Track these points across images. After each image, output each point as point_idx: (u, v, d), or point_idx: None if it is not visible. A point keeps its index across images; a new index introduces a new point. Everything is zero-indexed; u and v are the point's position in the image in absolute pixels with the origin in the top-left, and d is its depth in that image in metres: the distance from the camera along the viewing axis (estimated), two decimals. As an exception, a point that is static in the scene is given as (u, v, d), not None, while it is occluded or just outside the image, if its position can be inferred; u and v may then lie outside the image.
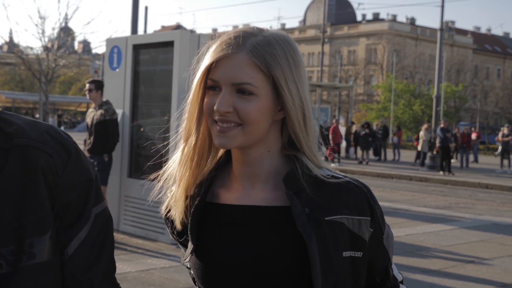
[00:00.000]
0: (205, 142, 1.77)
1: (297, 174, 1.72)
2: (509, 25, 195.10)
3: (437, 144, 26.51)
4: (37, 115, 46.36)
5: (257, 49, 1.64)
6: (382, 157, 34.21)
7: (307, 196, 1.70)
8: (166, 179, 1.85)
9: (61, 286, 1.58)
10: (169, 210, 1.86)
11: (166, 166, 1.85)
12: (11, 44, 49.69)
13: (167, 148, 1.95)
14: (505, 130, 30.30)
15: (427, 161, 28.76)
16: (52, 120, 29.78)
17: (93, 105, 10.21)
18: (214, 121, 1.67)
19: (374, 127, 35.52)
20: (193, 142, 1.75)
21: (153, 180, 1.86)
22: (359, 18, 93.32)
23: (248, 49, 1.63)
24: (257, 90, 1.64)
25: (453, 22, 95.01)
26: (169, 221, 1.87)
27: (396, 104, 56.23)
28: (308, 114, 1.71)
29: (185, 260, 1.82)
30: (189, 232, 1.79)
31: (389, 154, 35.50)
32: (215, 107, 1.63)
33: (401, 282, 1.94)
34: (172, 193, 1.81)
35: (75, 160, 1.60)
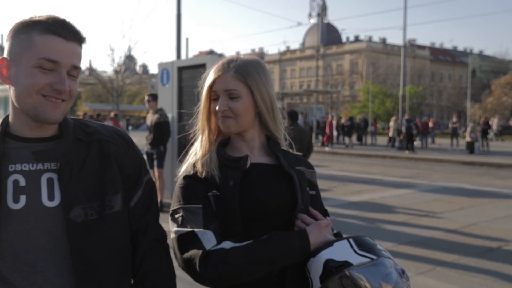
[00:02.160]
0: (214, 131, 1.92)
1: (273, 145, 1.92)
2: (456, 40, 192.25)
3: (403, 131, 26.35)
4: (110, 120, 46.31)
5: (236, 68, 1.84)
6: (363, 142, 33.90)
7: (283, 156, 1.90)
8: (191, 155, 1.93)
9: (128, 226, 1.69)
10: (194, 174, 1.82)
11: (192, 150, 1.95)
12: (91, 69, 49.62)
13: (193, 139, 2.08)
14: (453, 118, 30.08)
15: (396, 144, 28.47)
16: (122, 123, 29.72)
17: (151, 111, 10.18)
18: (218, 117, 1.86)
19: (357, 120, 35.28)
20: (207, 133, 1.91)
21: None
22: (344, 40, 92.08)
23: (231, 69, 1.83)
24: (240, 93, 1.82)
25: (414, 40, 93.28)
26: (197, 180, 1.81)
27: (373, 103, 55.42)
28: (275, 108, 1.90)
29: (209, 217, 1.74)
30: (228, 182, 1.80)
31: (369, 139, 35.27)
32: (217, 108, 1.83)
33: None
34: (204, 159, 1.85)
35: (131, 148, 1.74)
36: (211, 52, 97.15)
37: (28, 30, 1.49)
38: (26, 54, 1.48)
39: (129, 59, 38.39)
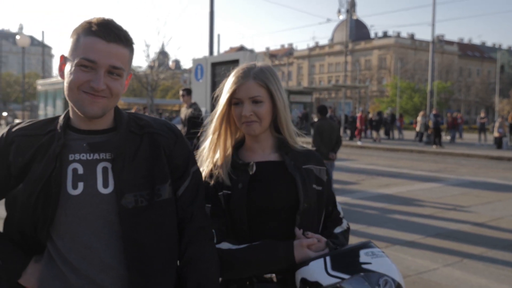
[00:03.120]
0: (225, 134, 2.01)
1: (282, 145, 1.99)
2: (485, 36, 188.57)
3: (431, 125, 26.04)
4: (146, 113, 46.61)
5: (257, 75, 1.92)
6: (391, 136, 33.55)
7: (291, 156, 1.97)
8: (201, 156, 2.03)
9: (175, 214, 1.72)
10: (207, 175, 1.95)
11: (201, 148, 2.06)
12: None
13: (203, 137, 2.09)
14: (481, 114, 29.53)
15: (424, 138, 28.13)
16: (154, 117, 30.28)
17: (185, 105, 10.27)
18: (242, 122, 1.94)
19: (385, 115, 34.93)
20: (217, 135, 2.00)
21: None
22: (372, 35, 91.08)
23: (252, 76, 1.91)
24: (264, 99, 1.92)
25: (442, 36, 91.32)
26: (209, 181, 1.94)
27: (400, 98, 54.81)
28: (288, 111, 1.99)
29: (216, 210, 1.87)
30: (237, 181, 1.91)
31: (396, 134, 34.85)
32: (242, 113, 1.90)
33: (343, 217, 2.11)
34: (218, 161, 1.97)
35: (180, 140, 1.78)
36: (241, 48, 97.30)
37: (78, 32, 1.59)
38: (74, 53, 1.57)
39: (163, 54, 38.73)
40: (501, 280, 5.35)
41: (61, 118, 1.67)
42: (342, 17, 42.55)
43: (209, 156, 2.01)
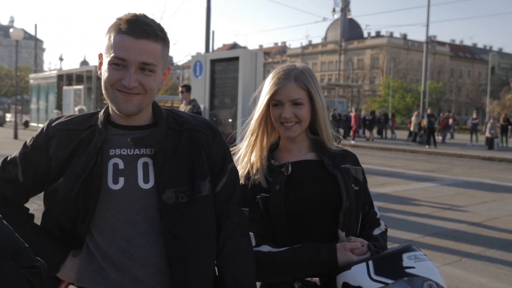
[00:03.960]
0: (262, 136, 1.99)
1: (319, 145, 1.99)
2: (476, 37, 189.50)
3: (423, 125, 26.09)
4: None
5: (297, 77, 1.91)
6: (383, 136, 33.67)
7: (328, 156, 1.96)
8: (237, 155, 2.02)
9: (214, 211, 1.70)
10: (244, 179, 1.94)
11: (236, 148, 2.05)
12: None
13: (234, 131, 2.16)
14: (473, 115, 29.74)
15: (418, 138, 28.34)
16: None
17: (184, 102, 10.25)
18: (281, 123, 1.92)
19: (378, 115, 35.03)
20: (254, 137, 1.99)
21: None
22: (365, 35, 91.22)
23: (293, 79, 1.90)
24: (304, 101, 1.90)
25: (435, 36, 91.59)
26: (247, 184, 1.93)
27: (393, 97, 54.98)
28: (326, 112, 1.98)
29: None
30: (275, 182, 1.90)
31: (388, 133, 34.96)
32: (282, 115, 1.89)
33: (379, 218, 2.10)
34: (255, 165, 1.96)
35: (218, 137, 1.76)
36: (235, 45, 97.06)
37: (110, 31, 1.58)
38: (107, 52, 1.57)
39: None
40: (500, 279, 5.42)
41: (101, 114, 1.68)
42: (336, 16, 42.64)
43: (246, 157, 2.00)
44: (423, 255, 1.77)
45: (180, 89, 10.29)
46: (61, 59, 68.77)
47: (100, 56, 1.63)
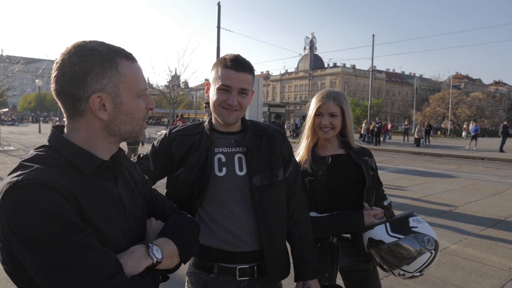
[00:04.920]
0: (312, 138, 2.04)
1: (346, 144, 2.02)
2: (404, 67, 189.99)
3: (373, 129, 25.91)
4: (166, 120, 45.70)
5: (336, 97, 1.97)
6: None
7: (352, 151, 1.98)
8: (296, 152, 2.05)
9: (285, 190, 1.70)
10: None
11: (298, 148, 2.07)
12: (149, 84, 49.01)
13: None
14: (405, 122, 29.90)
15: (366, 138, 28.38)
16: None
17: (207, 114, 10.15)
18: (320, 128, 1.98)
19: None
20: (309, 139, 2.03)
21: None
22: (326, 65, 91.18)
23: (332, 98, 1.96)
24: (338, 114, 1.96)
25: (375, 66, 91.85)
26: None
27: (346, 110, 55.09)
28: (352, 123, 2.04)
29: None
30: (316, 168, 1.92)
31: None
32: (322, 123, 1.96)
33: (385, 194, 2.10)
34: (304, 157, 2.01)
35: (286, 139, 1.78)
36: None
37: (217, 65, 1.63)
38: (215, 81, 1.61)
39: (177, 78, 37.94)
40: (439, 236, 5.45)
41: (205, 124, 1.72)
42: (306, 52, 42.69)
43: (305, 151, 2.03)
44: (422, 219, 1.83)
45: (203, 105, 10.24)
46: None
47: (208, 83, 1.68)
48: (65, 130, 1.07)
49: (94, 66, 1.00)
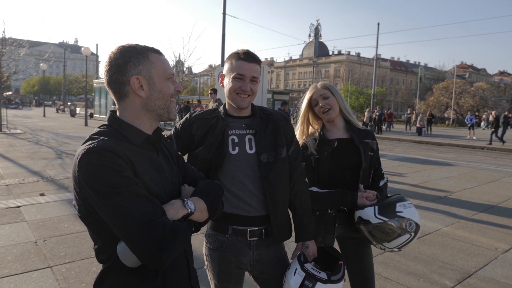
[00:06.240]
0: (307, 124, 2.20)
1: (350, 126, 2.17)
2: (409, 56, 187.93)
3: (375, 117, 25.94)
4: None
5: (321, 84, 2.16)
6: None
7: (356, 134, 2.14)
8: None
9: (288, 166, 1.85)
10: (303, 145, 2.15)
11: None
12: None
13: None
14: (408, 111, 29.92)
15: (369, 127, 28.27)
16: (177, 106, 29.55)
17: (212, 100, 10.20)
18: (322, 112, 2.14)
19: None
20: (303, 124, 2.20)
21: None
22: (330, 53, 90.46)
23: (318, 85, 2.15)
24: (329, 95, 2.14)
25: (380, 55, 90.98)
26: (305, 149, 2.13)
27: (350, 98, 54.80)
28: (346, 103, 2.18)
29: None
30: (322, 150, 2.09)
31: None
32: (320, 105, 2.13)
33: (383, 173, 2.21)
34: (310, 139, 2.16)
35: (289, 123, 1.92)
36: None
37: (231, 58, 1.84)
38: (230, 71, 1.82)
39: (181, 64, 38.12)
40: (432, 219, 5.74)
41: (221, 109, 1.91)
42: (311, 39, 42.37)
43: (299, 136, 2.21)
44: (410, 204, 1.99)
45: (209, 91, 10.41)
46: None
47: (222, 75, 1.90)
48: (117, 112, 1.36)
49: (132, 57, 1.28)
